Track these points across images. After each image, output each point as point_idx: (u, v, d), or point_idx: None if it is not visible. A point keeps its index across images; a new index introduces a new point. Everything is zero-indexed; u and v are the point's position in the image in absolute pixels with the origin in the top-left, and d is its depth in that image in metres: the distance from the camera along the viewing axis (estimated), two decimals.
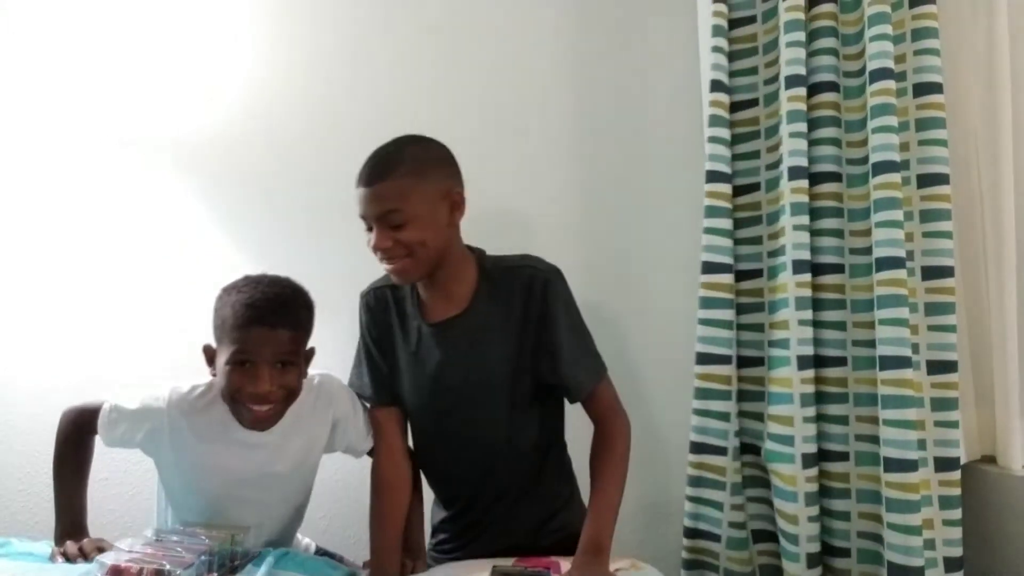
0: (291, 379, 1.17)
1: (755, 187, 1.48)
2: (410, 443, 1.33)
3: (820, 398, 1.34)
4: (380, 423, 1.30)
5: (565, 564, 1.16)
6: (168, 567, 0.98)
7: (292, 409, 1.20)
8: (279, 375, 1.14)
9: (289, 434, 1.23)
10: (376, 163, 1.18)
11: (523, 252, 1.29)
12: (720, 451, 1.40)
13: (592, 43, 1.71)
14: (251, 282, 1.17)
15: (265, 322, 1.13)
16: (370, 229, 1.18)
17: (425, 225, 1.17)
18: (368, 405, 1.31)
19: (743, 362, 1.45)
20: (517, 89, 1.71)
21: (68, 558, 1.10)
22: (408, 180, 1.16)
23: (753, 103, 1.49)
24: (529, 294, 1.23)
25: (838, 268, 1.34)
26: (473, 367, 1.24)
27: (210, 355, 1.19)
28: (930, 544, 1.22)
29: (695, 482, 1.43)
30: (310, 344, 1.22)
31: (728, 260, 1.42)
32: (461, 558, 1.27)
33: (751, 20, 1.50)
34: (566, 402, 1.31)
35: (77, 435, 1.23)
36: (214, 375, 1.19)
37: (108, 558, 1.00)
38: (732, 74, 1.49)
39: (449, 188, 1.21)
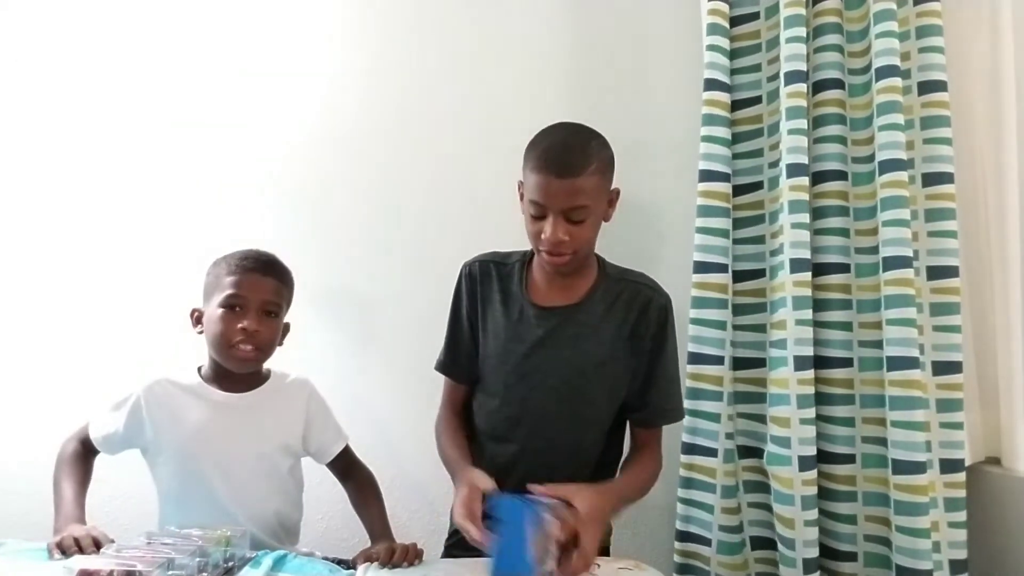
0: (273, 328, 1.29)
1: (758, 186, 1.46)
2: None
3: (825, 400, 1.32)
4: (448, 392, 1.35)
5: None
6: (140, 568, 0.94)
7: (267, 384, 1.32)
8: (264, 321, 1.27)
9: (261, 402, 1.31)
10: (571, 156, 1.17)
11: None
12: (710, 452, 1.38)
13: (593, 39, 1.70)
14: (242, 250, 1.32)
15: (257, 270, 1.28)
16: (541, 217, 1.18)
17: (595, 223, 1.22)
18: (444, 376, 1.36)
19: (746, 363, 1.44)
20: (515, 86, 1.70)
21: (64, 550, 1.08)
22: (597, 179, 1.18)
23: (756, 100, 1.48)
24: (644, 313, 1.26)
25: (844, 268, 1.33)
26: (569, 359, 1.25)
27: (197, 316, 1.31)
28: (935, 547, 1.21)
29: (686, 483, 1.42)
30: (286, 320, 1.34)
31: (723, 260, 1.41)
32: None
33: (754, 17, 1.49)
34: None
35: (78, 446, 1.30)
36: (200, 333, 1.30)
37: (77, 563, 0.98)
38: (734, 72, 1.48)
39: (611, 187, 1.24)
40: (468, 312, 1.32)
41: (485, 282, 1.32)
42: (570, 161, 1.15)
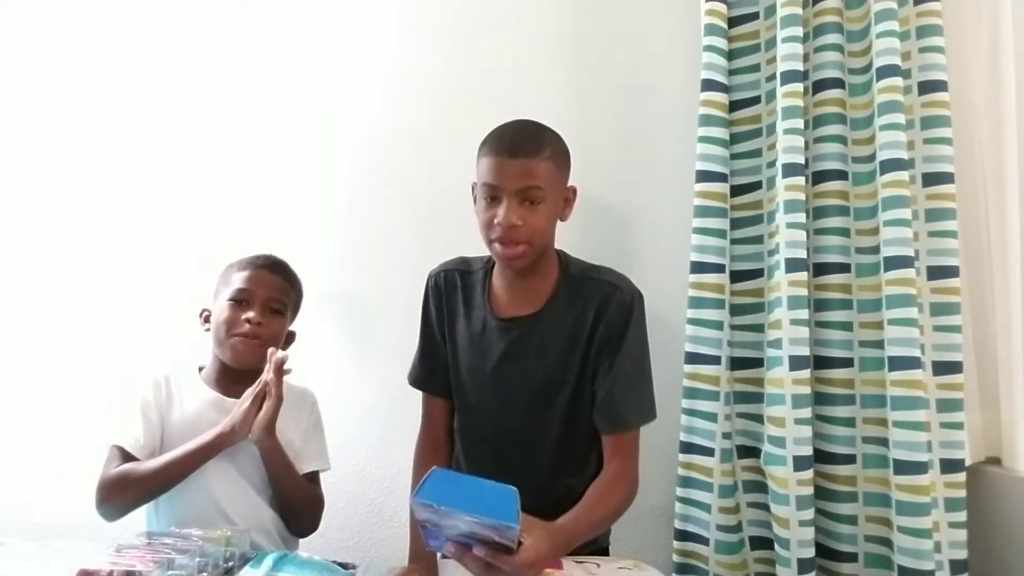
0: (276, 326, 1.32)
1: (756, 186, 1.46)
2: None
3: (826, 400, 1.32)
4: (426, 411, 1.33)
5: (568, 563, 1.13)
6: (140, 568, 0.94)
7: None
8: (268, 317, 1.29)
9: None
10: (525, 136, 1.16)
11: None
12: (707, 452, 1.38)
13: (591, 40, 1.70)
14: (254, 254, 1.36)
15: (267, 267, 1.33)
16: (494, 200, 1.15)
17: (550, 213, 1.18)
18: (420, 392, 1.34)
19: (745, 363, 1.44)
20: (513, 86, 1.70)
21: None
22: (551, 165, 1.16)
23: (755, 101, 1.48)
24: (604, 310, 1.20)
25: (844, 267, 1.33)
26: (536, 369, 1.22)
27: (206, 316, 1.34)
28: (936, 547, 1.20)
29: (684, 483, 1.42)
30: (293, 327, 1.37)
31: (720, 260, 1.40)
32: None
33: (753, 17, 1.49)
34: None
35: (122, 465, 1.23)
36: (207, 331, 1.32)
37: (77, 563, 0.97)
38: (734, 72, 1.48)
39: (567, 183, 1.23)
40: (438, 325, 1.31)
41: (451, 293, 1.30)
42: (524, 142, 1.15)
